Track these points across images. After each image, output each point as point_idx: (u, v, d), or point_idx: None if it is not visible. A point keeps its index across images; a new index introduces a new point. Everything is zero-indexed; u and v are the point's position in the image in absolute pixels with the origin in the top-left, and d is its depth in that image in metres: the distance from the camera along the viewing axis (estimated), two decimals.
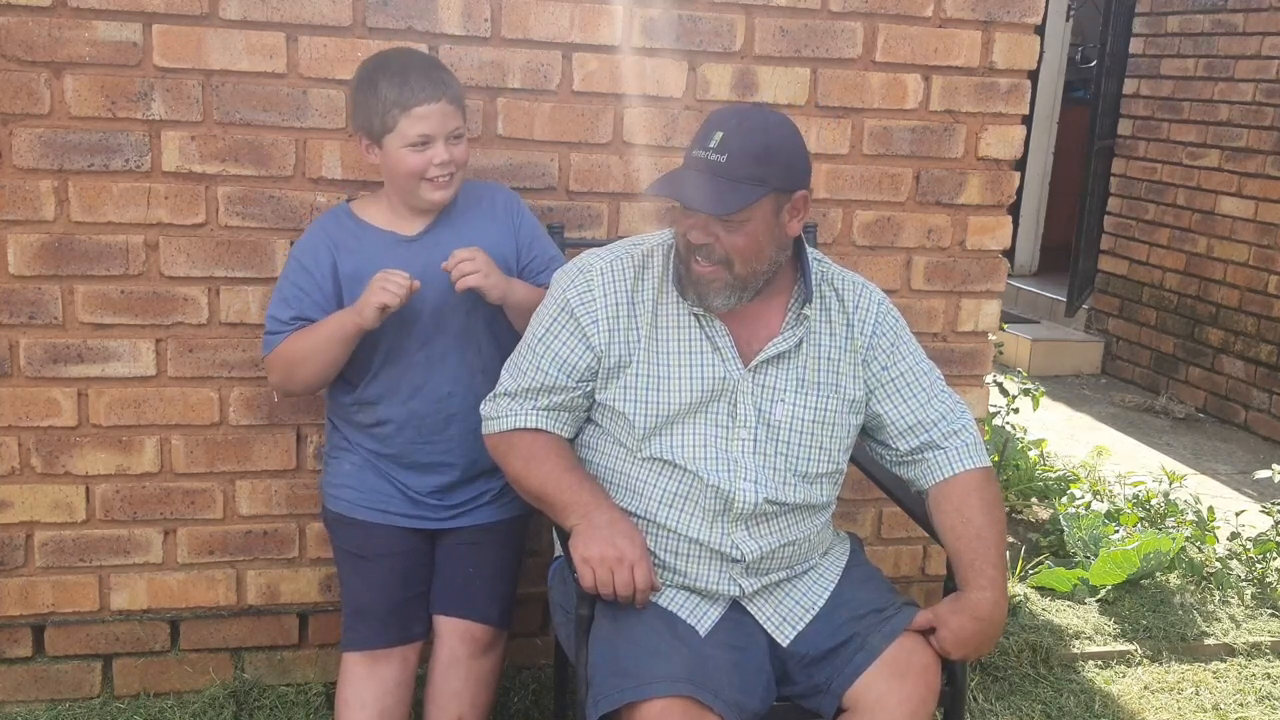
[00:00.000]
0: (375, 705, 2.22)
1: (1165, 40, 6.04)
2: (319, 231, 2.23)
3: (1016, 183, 2.85)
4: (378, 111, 2.11)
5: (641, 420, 1.97)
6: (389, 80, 2.10)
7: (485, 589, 2.29)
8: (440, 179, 2.14)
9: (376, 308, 2.06)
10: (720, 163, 1.85)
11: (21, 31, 2.28)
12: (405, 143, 2.11)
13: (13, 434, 2.44)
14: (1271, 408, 5.38)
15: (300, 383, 2.20)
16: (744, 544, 1.99)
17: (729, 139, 1.86)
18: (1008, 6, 2.70)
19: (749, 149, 1.87)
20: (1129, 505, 4.04)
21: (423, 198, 2.16)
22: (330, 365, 2.16)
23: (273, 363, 2.20)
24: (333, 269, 2.19)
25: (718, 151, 1.86)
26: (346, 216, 2.25)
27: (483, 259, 2.14)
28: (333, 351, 2.14)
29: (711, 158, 1.86)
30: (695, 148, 1.90)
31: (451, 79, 2.17)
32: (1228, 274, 5.61)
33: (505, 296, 2.18)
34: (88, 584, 2.54)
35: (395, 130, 2.10)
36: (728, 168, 1.85)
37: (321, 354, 2.14)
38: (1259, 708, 2.95)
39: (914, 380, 2.08)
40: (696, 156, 1.89)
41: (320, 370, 2.17)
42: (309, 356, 2.15)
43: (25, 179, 2.34)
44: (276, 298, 2.21)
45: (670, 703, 1.79)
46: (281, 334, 2.17)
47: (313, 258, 2.19)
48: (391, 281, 2.06)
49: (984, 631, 1.96)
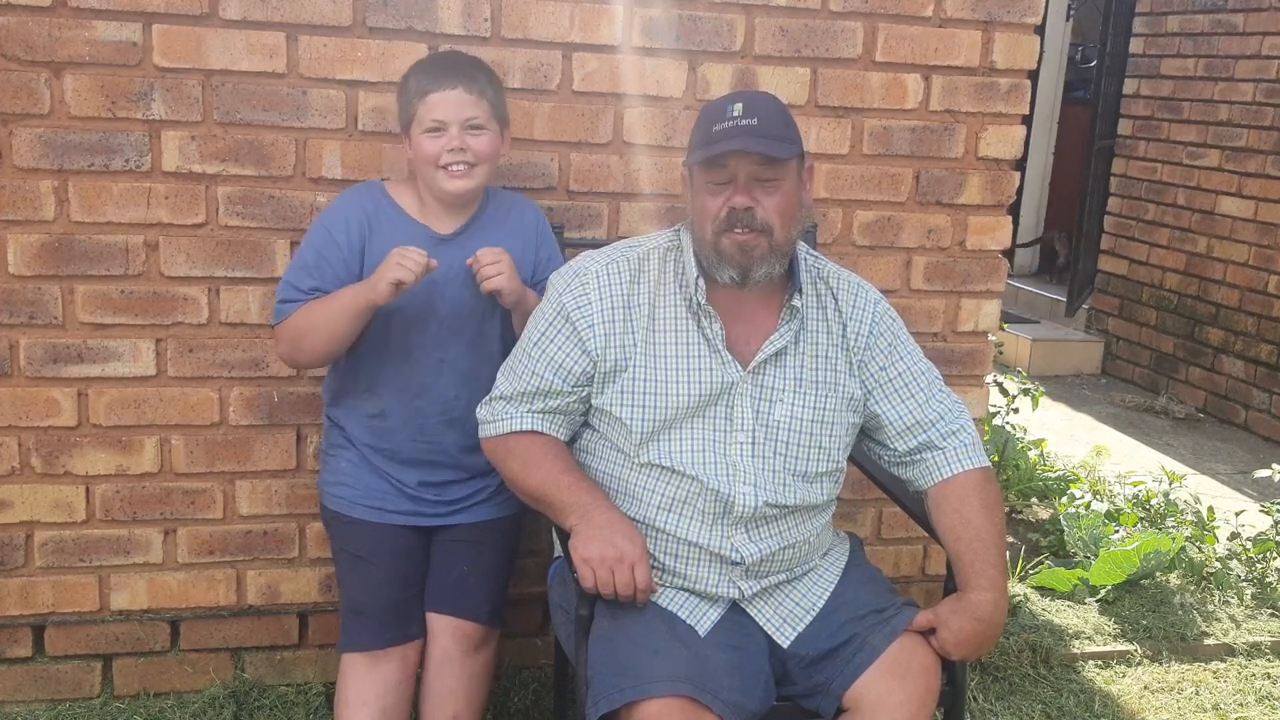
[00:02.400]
0: (376, 704, 2.22)
1: (1165, 40, 6.04)
2: (353, 205, 2.21)
3: (1016, 183, 2.85)
4: (405, 102, 2.17)
5: (639, 425, 1.97)
6: (418, 72, 2.18)
7: (478, 587, 2.29)
8: (454, 167, 2.14)
9: (391, 283, 2.04)
10: (754, 125, 1.90)
11: (21, 31, 2.28)
12: (422, 129, 2.14)
13: (13, 434, 2.44)
14: (1271, 408, 5.38)
15: (307, 354, 2.19)
16: (744, 547, 1.99)
17: (751, 107, 1.92)
18: (1008, 6, 2.70)
19: (773, 113, 1.94)
20: (1129, 505, 4.05)
21: (439, 187, 2.17)
22: (338, 339, 2.14)
23: (283, 332, 2.18)
24: (361, 246, 2.17)
25: (745, 118, 1.90)
26: (382, 195, 2.24)
27: (507, 261, 2.16)
28: (342, 325, 2.12)
29: (743, 122, 1.90)
30: (716, 121, 1.92)
31: (482, 75, 2.18)
32: (1228, 274, 5.61)
33: (520, 303, 2.19)
34: (88, 584, 2.54)
35: (416, 117, 2.15)
36: (762, 128, 1.90)
37: (330, 326, 2.12)
38: (1259, 708, 2.95)
39: (912, 380, 2.08)
40: (727, 127, 1.90)
41: (327, 342, 2.15)
42: (318, 327, 2.13)
43: (25, 179, 2.34)
44: (296, 265, 2.18)
45: (670, 702, 1.79)
46: (296, 303, 2.16)
47: (344, 231, 2.17)
48: (409, 258, 2.05)
49: (984, 632, 1.95)
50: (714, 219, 1.93)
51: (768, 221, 1.92)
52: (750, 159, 1.90)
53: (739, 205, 1.91)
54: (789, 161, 1.93)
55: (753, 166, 1.91)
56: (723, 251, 1.94)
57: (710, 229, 1.94)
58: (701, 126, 1.96)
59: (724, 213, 1.92)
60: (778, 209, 1.93)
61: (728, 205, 1.92)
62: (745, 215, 1.91)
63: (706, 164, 1.92)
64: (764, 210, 1.92)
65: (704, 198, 1.95)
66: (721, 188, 1.93)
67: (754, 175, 1.91)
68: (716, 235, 1.94)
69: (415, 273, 2.04)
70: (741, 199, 1.91)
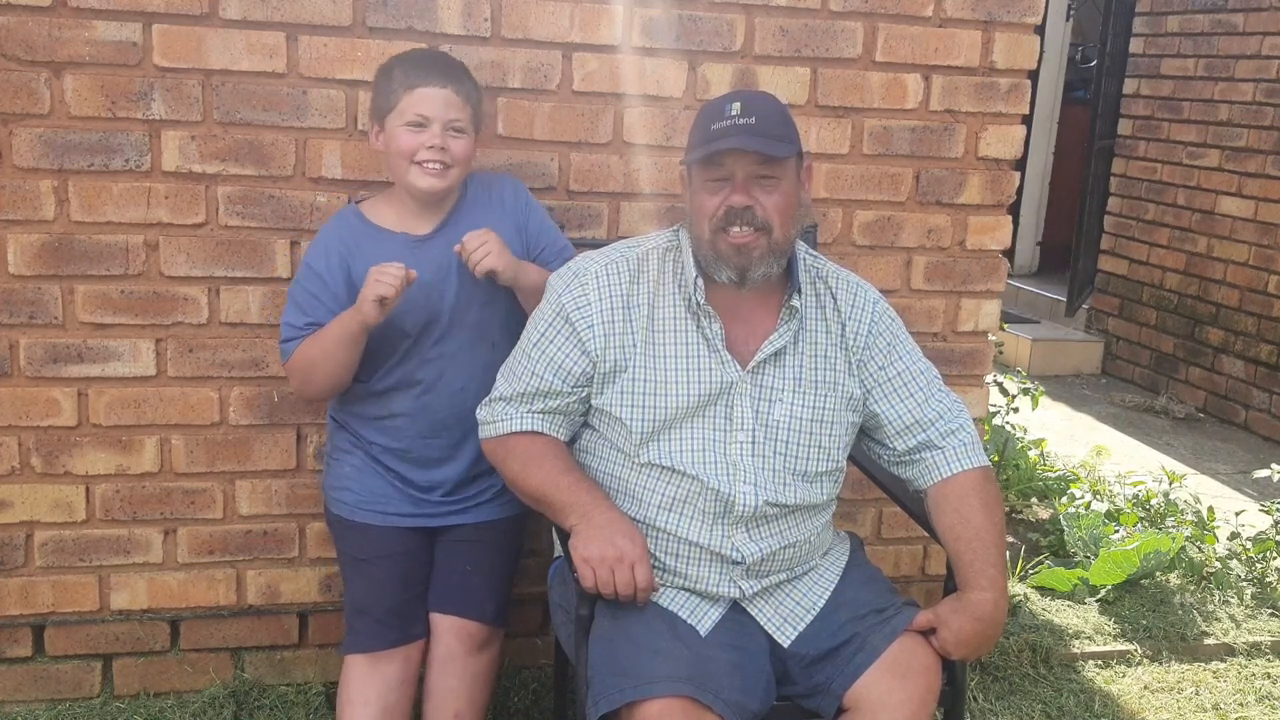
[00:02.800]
0: (378, 703, 2.22)
1: (1165, 40, 6.04)
2: (330, 236, 2.24)
3: (1016, 182, 2.85)
4: (385, 92, 2.16)
5: (639, 425, 1.97)
6: (404, 65, 2.17)
7: (482, 587, 2.30)
8: (430, 165, 2.14)
9: (374, 301, 2.06)
10: (752, 124, 1.90)
11: (21, 31, 2.28)
12: (403, 120, 2.14)
13: (13, 434, 2.44)
14: (1271, 408, 5.38)
15: (317, 387, 2.21)
16: (744, 546, 1.99)
17: (749, 106, 1.92)
18: (1008, 6, 2.70)
19: (772, 113, 1.94)
20: (1129, 505, 4.05)
21: (411, 183, 2.17)
22: (341, 367, 2.16)
23: (291, 370, 2.22)
24: (346, 274, 2.19)
25: (743, 116, 1.90)
26: (356, 219, 2.25)
27: (495, 240, 2.16)
28: (341, 353, 2.14)
29: (740, 121, 1.90)
30: (714, 120, 1.92)
31: (469, 80, 2.20)
32: (1228, 274, 5.61)
33: (517, 278, 2.20)
34: (88, 584, 2.54)
35: (397, 108, 2.14)
36: (760, 127, 1.90)
37: (330, 356, 2.15)
38: (1259, 708, 2.95)
39: (911, 380, 2.08)
40: (725, 126, 1.90)
41: (333, 372, 2.17)
42: (319, 360, 2.16)
43: (25, 179, 2.34)
44: (290, 304, 2.21)
45: (670, 703, 1.79)
46: (296, 340, 2.19)
47: (324, 263, 2.20)
48: (386, 274, 2.06)
49: (984, 632, 1.95)
50: (711, 217, 1.93)
51: (767, 220, 1.92)
52: (748, 157, 1.90)
53: (737, 204, 1.91)
54: (787, 160, 1.93)
55: (751, 165, 1.91)
56: (720, 252, 1.94)
57: (708, 227, 1.94)
58: (700, 125, 1.96)
59: (721, 211, 1.92)
60: (776, 208, 1.93)
61: (725, 204, 1.92)
62: (744, 213, 1.91)
63: (704, 162, 1.92)
64: (763, 209, 1.92)
65: (702, 196, 1.95)
66: (719, 186, 1.93)
67: (752, 174, 1.91)
68: (714, 234, 1.94)
69: (395, 286, 2.05)
70: (740, 197, 1.91)
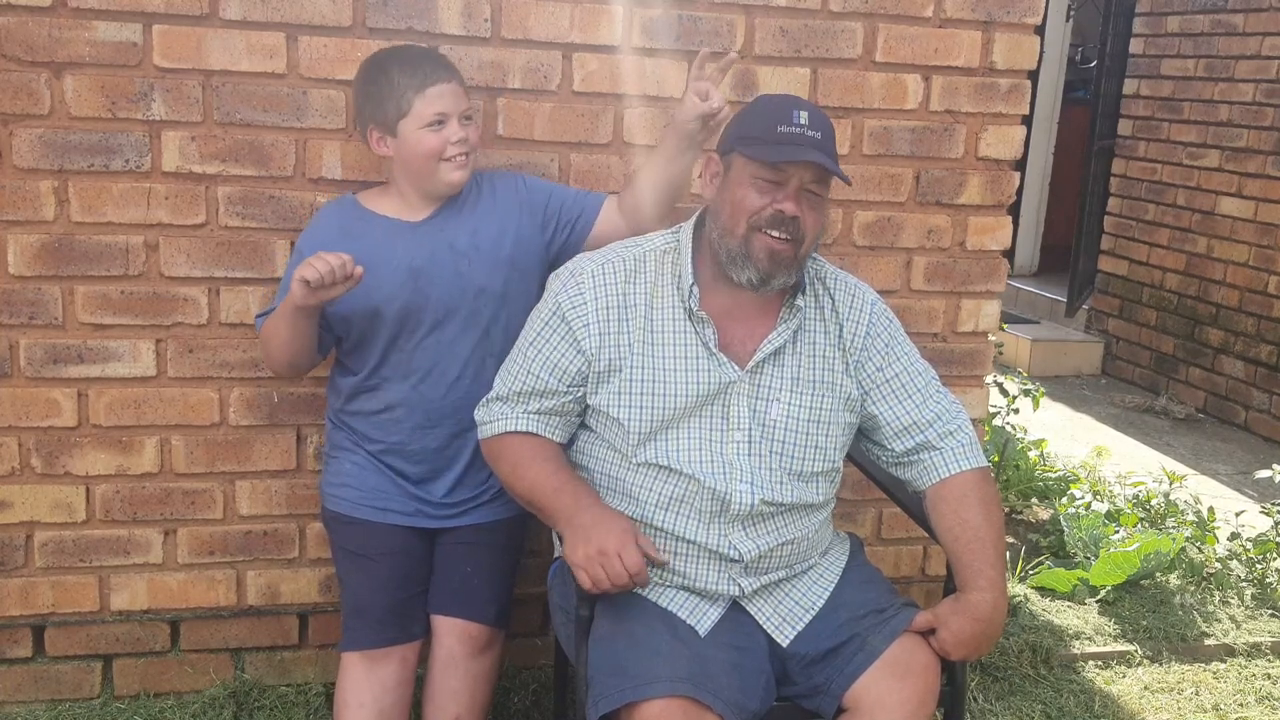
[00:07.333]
0: (374, 705, 2.22)
1: (1165, 40, 6.04)
2: (324, 219, 2.27)
3: (1016, 183, 2.85)
4: (392, 97, 2.14)
5: (636, 425, 1.97)
6: (401, 67, 2.15)
7: (483, 589, 2.30)
8: (458, 158, 2.18)
9: (299, 280, 2.03)
10: (818, 139, 1.90)
11: (21, 31, 2.28)
12: (422, 124, 2.14)
13: (13, 434, 2.44)
14: (1271, 408, 5.38)
15: (275, 360, 2.24)
16: (741, 544, 1.99)
17: (814, 121, 1.92)
18: (1008, 6, 2.70)
19: (829, 130, 1.95)
20: (1129, 505, 4.04)
21: (442, 179, 2.19)
22: (287, 344, 2.17)
23: (260, 342, 2.28)
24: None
25: (812, 129, 1.90)
26: (352, 205, 2.28)
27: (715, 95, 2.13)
28: (284, 330, 2.16)
29: (809, 134, 1.90)
30: (780, 123, 1.91)
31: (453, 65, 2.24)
32: (1228, 274, 5.61)
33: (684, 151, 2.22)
34: (88, 584, 2.54)
35: (411, 113, 2.14)
36: (824, 144, 1.91)
37: (277, 333, 2.17)
38: (1259, 708, 2.95)
39: (909, 381, 2.08)
40: (794, 132, 1.90)
41: (282, 348, 2.18)
42: (270, 335, 2.20)
43: (25, 179, 2.34)
44: (281, 285, 2.25)
45: (670, 703, 1.79)
46: (265, 315, 2.23)
47: (311, 246, 2.19)
48: (321, 258, 2.02)
49: (984, 632, 1.96)
50: (753, 214, 1.93)
51: (803, 234, 1.93)
52: (810, 171, 1.91)
53: (788, 211, 1.91)
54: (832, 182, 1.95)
55: (808, 178, 1.92)
56: (752, 251, 1.93)
57: (745, 223, 1.93)
58: (758, 122, 1.94)
59: (769, 213, 1.92)
60: (814, 225, 1.95)
61: (775, 208, 1.92)
62: (791, 223, 1.92)
63: (765, 161, 1.91)
64: (805, 223, 1.93)
65: (746, 191, 1.94)
66: (770, 187, 1.92)
67: (805, 186, 1.92)
68: (750, 231, 1.93)
69: (320, 271, 2.01)
70: (792, 206, 1.91)
